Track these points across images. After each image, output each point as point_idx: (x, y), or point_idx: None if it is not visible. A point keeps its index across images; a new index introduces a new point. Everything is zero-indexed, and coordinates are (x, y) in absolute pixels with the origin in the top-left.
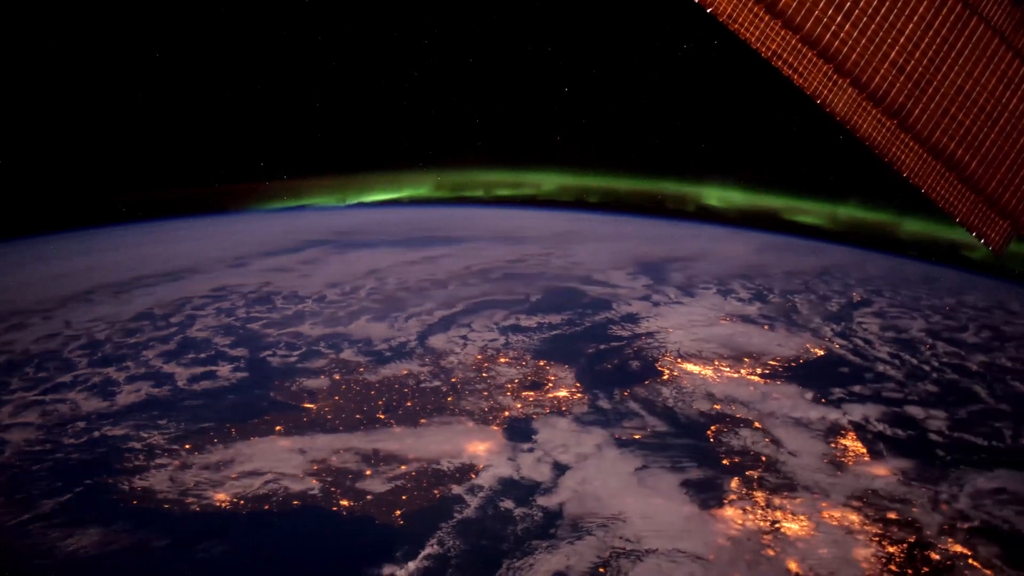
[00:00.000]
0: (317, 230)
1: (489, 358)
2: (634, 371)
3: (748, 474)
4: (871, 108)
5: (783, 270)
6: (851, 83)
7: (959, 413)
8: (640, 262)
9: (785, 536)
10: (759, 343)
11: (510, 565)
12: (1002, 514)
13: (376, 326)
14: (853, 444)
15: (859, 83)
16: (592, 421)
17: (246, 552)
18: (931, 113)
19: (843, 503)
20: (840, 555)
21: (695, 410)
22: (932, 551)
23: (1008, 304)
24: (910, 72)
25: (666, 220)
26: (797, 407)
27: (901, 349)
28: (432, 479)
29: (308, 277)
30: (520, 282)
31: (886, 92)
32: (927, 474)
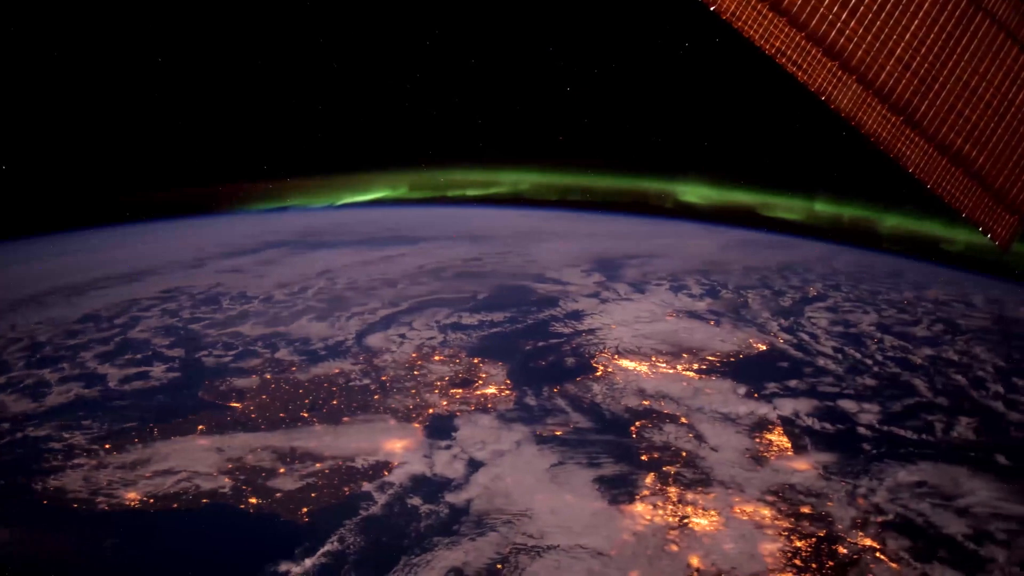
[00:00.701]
0: (285, 231)
1: (424, 356)
2: (568, 368)
3: (665, 470)
4: (876, 104)
5: (744, 266)
6: (857, 80)
7: (893, 407)
8: (598, 259)
9: (692, 531)
10: (701, 339)
11: (408, 562)
12: (918, 508)
13: (316, 325)
14: (778, 439)
15: (865, 80)
16: (515, 418)
17: (145, 550)
18: (937, 109)
19: (757, 498)
20: (745, 550)
21: (622, 406)
22: (840, 545)
23: (970, 298)
24: (916, 69)
25: (644, 218)
26: (727, 402)
27: (846, 343)
28: (344, 477)
29: (261, 278)
30: (471, 280)
31: (892, 89)
32: (849, 468)
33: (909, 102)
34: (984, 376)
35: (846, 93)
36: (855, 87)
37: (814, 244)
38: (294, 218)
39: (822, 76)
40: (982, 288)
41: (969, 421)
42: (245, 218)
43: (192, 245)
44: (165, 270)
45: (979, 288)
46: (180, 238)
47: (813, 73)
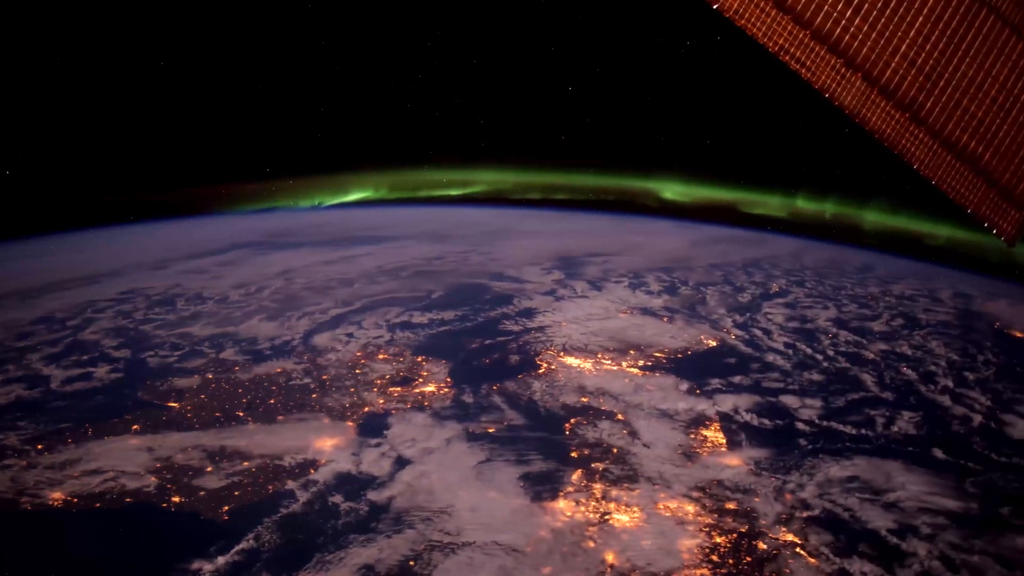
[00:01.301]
0: (257, 232)
1: (368, 355)
2: (512, 365)
3: (593, 466)
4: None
5: (710, 263)
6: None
7: (836, 402)
8: (561, 257)
9: (612, 528)
10: (651, 335)
11: (320, 559)
12: (846, 503)
13: (266, 325)
14: (713, 435)
15: (870, 77)
16: (450, 416)
17: (57, 549)
18: (943, 106)
19: (683, 494)
20: (663, 546)
21: (560, 403)
22: (761, 541)
23: (938, 292)
24: (921, 65)
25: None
26: (667, 398)
27: (799, 339)
28: (270, 475)
29: (219, 279)
30: (428, 279)
31: (897, 86)
32: (781, 464)
33: (915, 99)
34: (935, 371)
35: (850, 90)
36: (859, 84)
37: (790, 240)
38: (273, 219)
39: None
40: (956, 282)
41: (912, 416)
42: (226, 219)
43: (162, 247)
44: (127, 272)
45: (953, 282)
46: (154, 239)
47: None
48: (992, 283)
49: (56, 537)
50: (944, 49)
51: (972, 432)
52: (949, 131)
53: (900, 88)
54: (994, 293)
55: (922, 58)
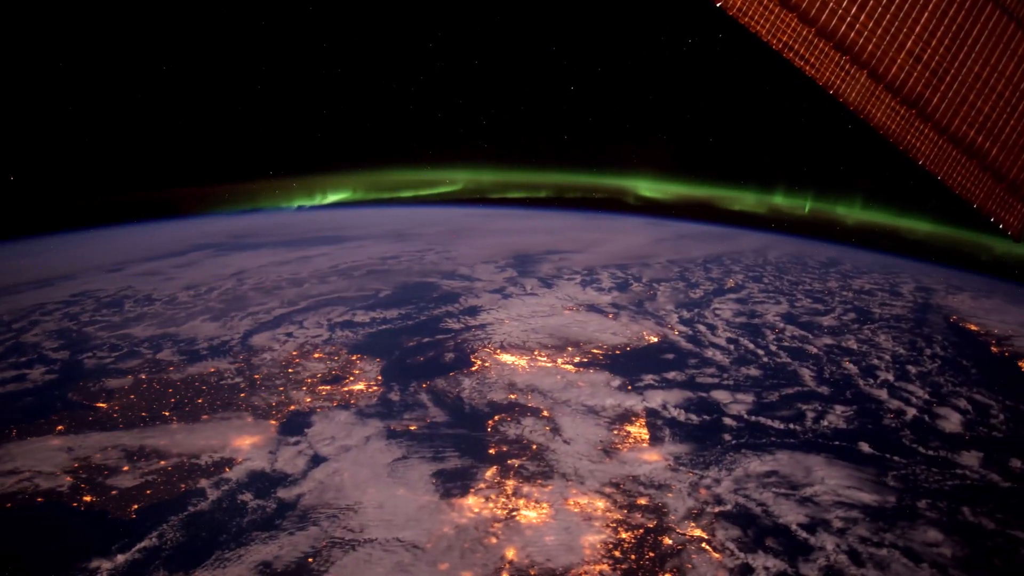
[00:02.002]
0: (221, 233)
1: (304, 354)
2: (445, 363)
3: (509, 463)
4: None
5: (669, 258)
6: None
7: (769, 397)
8: (518, 255)
9: (518, 524)
10: (592, 332)
11: (219, 556)
12: (760, 498)
13: (208, 326)
14: (637, 431)
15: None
16: (373, 413)
17: None
18: (950, 101)
19: (596, 490)
20: (566, 542)
21: (487, 400)
22: (667, 536)
23: (900, 287)
24: (927, 61)
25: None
26: (596, 395)
27: (743, 334)
28: (184, 474)
29: (172, 280)
30: (379, 279)
31: (904, 82)
32: (700, 459)
33: (921, 95)
34: (878, 365)
35: (854, 86)
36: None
37: (763, 236)
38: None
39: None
40: (924, 276)
41: (844, 410)
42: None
43: (124, 249)
44: (84, 275)
45: (921, 276)
46: (118, 242)
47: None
48: (964, 277)
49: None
50: (950, 45)
51: (903, 426)
52: (955, 127)
53: (906, 84)
54: (960, 287)
55: (928, 54)
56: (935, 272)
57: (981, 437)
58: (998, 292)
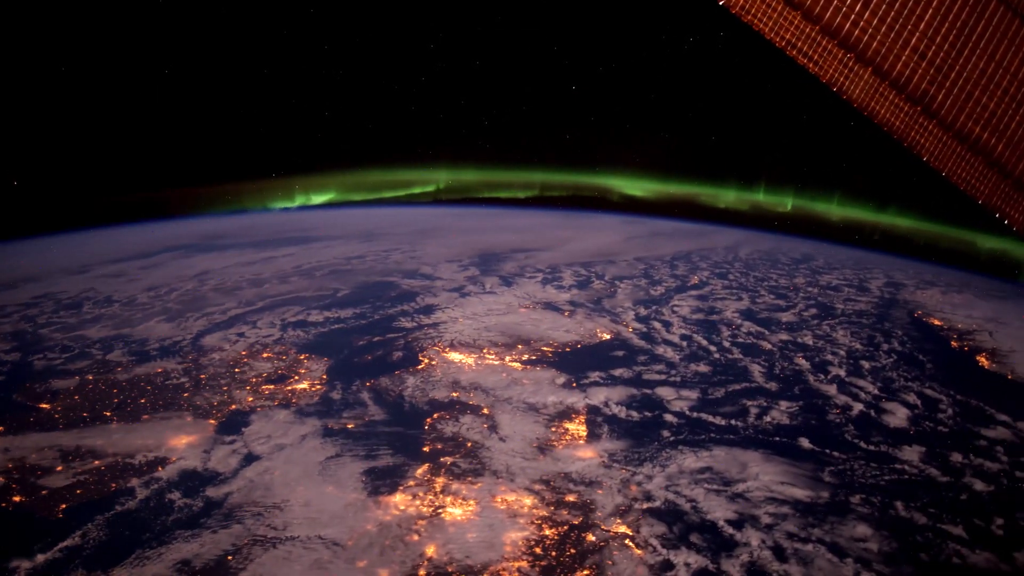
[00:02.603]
0: (194, 234)
1: (253, 354)
2: (393, 362)
3: (442, 460)
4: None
5: (636, 256)
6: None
7: (715, 393)
8: (483, 254)
9: (442, 521)
10: (545, 329)
11: (140, 555)
12: (691, 494)
13: (162, 326)
14: (576, 428)
15: (881, 71)
16: (312, 412)
17: None
18: (955, 98)
19: (525, 487)
20: (487, 539)
21: (428, 399)
22: (591, 533)
23: (869, 282)
24: (932, 58)
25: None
26: (539, 392)
27: (698, 331)
28: (116, 473)
29: (134, 282)
30: (340, 278)
31: (909, 79)
32: (635, 456)
33: (926, 91)
34: (831, 360)
35: (858, 83)
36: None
37: (740, 232)
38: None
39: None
40: (898, 271)
41: (789, 406)
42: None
43: (94, 251)
44: (49, 277)
45: (894, 271)
46: (90, 244)
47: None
48: (942, 272)
49: None
50: (954, 41)
51: (848, 421)
52: (961, 123)
53: (911, 81)
54: (933, 282)
55: (932, 51)
56: (912, 267)
57: (926, 432)
58: (972, 287)
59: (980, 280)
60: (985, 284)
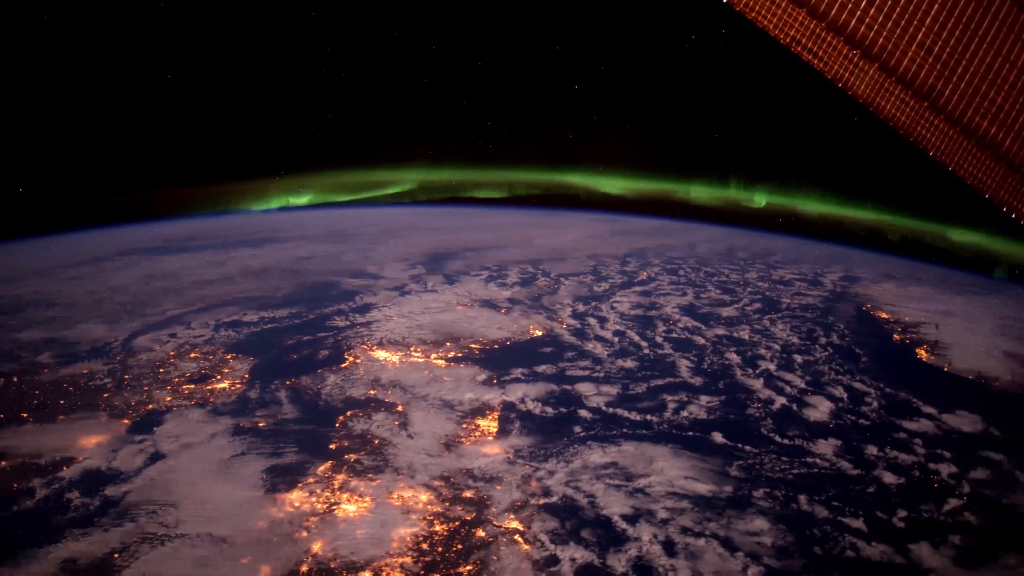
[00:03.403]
0: (163, 236)
1: (180, 354)
2: (318, 360)
3: (346, 457)
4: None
5: (589, 253)
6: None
7: (636, 389)
8: (434, 253)
9: (335, 518)
10: (478, 327)
11: (29, 554)
12: (590, 489)
13: (97, 328)
14: (488, 424)
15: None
16: (226, 411)
17: None
18: (962, 93)
19: (424, 484)
20: (376, 535)
21: (346, 396)
22: (481, 528)
23: (824, 276)
24: (938, 53)
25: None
26: (458, 389)
27: (634, 327)
28: (20, 474)
29: (82, 284)
30: (286, 278)
31: (915, 74)
32: (542, 452)
33: (932, 87)
34: (763, 354)
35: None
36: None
37: (711, 228)
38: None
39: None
40: (858, 264)
41: (710, 400)
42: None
43: (63, 253)
44: (19, 279)
45: (854, 265)
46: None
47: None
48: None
49: None
50: (960, 36)
51: (767, 416)
52: (968, 118)
53: (918, 77)
54: (892, 275)
55: (939, 46)
56: (881, 262)
57: (846, 425)
58: (933, 280)
59: (954, 275)
60: (955, 278)
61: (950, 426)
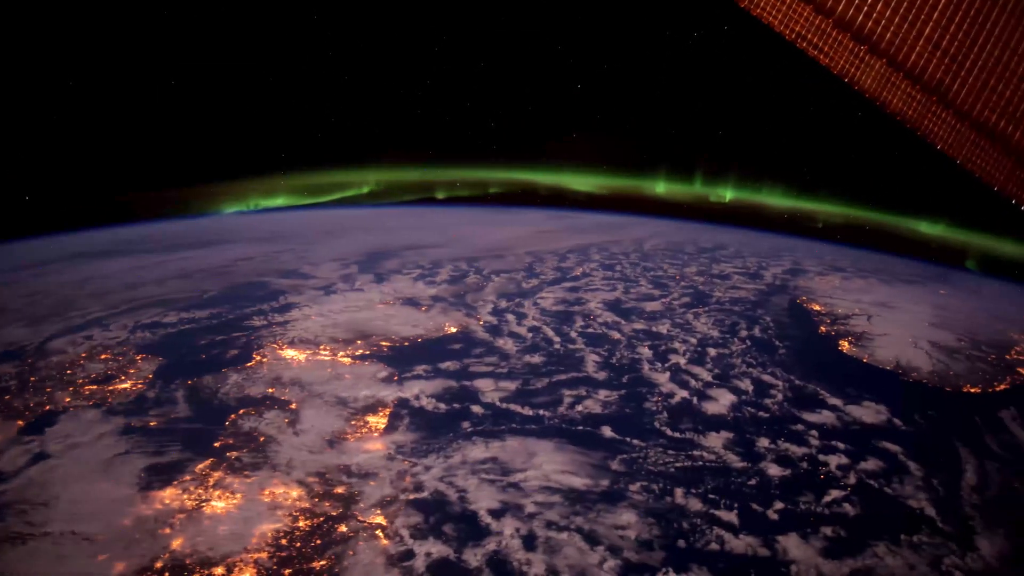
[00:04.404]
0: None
1: (92, 356)
2: (225, 360)
3: (228, 455)
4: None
5: (530, 249)
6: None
7: (536, 384)
8: (373, 252)
9: (201, 514)
10: (393, 324)
11: None
12: (463, 484)
13: (18, 331)
14: (377, 420)
15: (895, 63)
16: (121, 411)
17: None
18: (971, 87)
19: (298, 480)
20: (237, 531)
21: (243, 395)
22: (344, 524)
23: (768, 270)
24: (946, 48)
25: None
26: (356, 386)
27: (552, 322)
28: None
29: (15, 288)
30: (216, 280)
31: (924, 69)
32: (424, 447)
33: (941, 81)
34: (677, 348)
35: (869, 74)
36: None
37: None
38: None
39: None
40: (816, 259)
41: (608, 395)
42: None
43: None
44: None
45: (812, 259)
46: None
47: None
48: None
49: None
50: (969, 30)
51: (664, 409)
52: (978, 112)
53: (926, 72)
54: (839, 267)
55: (947, 40)
56: (837, 254)
57: (744, 418)
58: (884, 273)
59: (905, 266)
60: (915, 271)
61: (852, 417)
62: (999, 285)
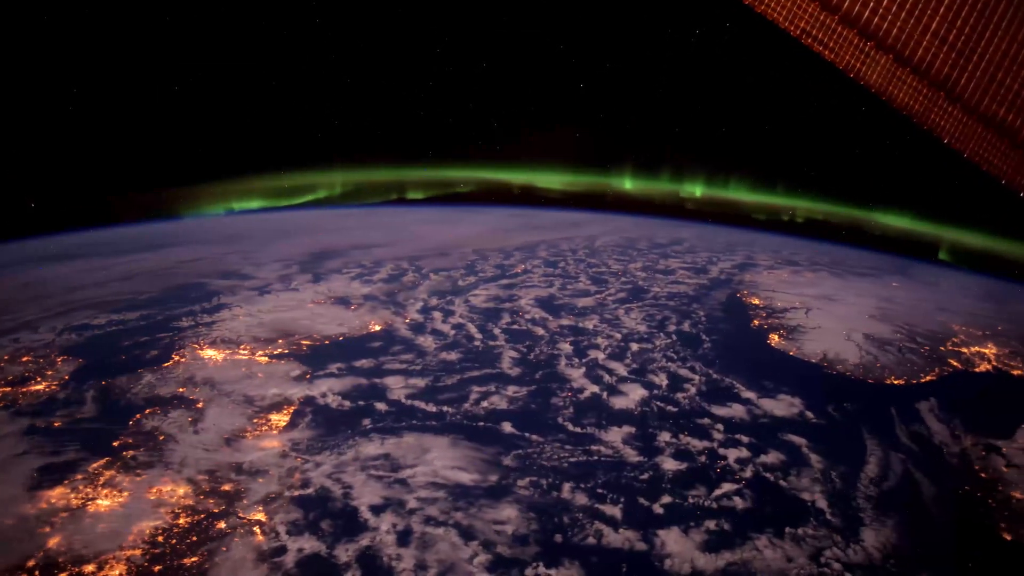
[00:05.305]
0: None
1: (13, 358)
2: (144, 360)
3: (124, 454)
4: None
5: (476, 247)
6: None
7: (447, 381)
8: (318, 252)
9: (84, 513)
10: (319, 324)
11: None
12: (350, 480)
13: None
14: (278, 419)
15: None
16: (29, 412)
17: None
18: (978, 81)
19: (188, 478)
20: (115, 529)
21: (153, 394)
22: (223, 521)
23: (716, 264)
24: (953, 42)
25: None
26: (266, 385)
27: (478, 320)
28: None
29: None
30: (155, 281)
31: (930, 64)
32: (320, 444)
33: (948, 76)
34: (599, 344)
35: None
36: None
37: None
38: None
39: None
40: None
41: (517, 391)
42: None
43: None
44: None
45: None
46: None
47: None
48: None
49: None
50: (975, 24)
51: (571, 405)
52: (985, 106)
53: (933, 66)
54: (793, 260)
55: (953, 35)
56: (800, 248)
57: (651, 413)
58: (840, 266)
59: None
60: (875, 264)
61: (763, 411)
62: (964, 277)
